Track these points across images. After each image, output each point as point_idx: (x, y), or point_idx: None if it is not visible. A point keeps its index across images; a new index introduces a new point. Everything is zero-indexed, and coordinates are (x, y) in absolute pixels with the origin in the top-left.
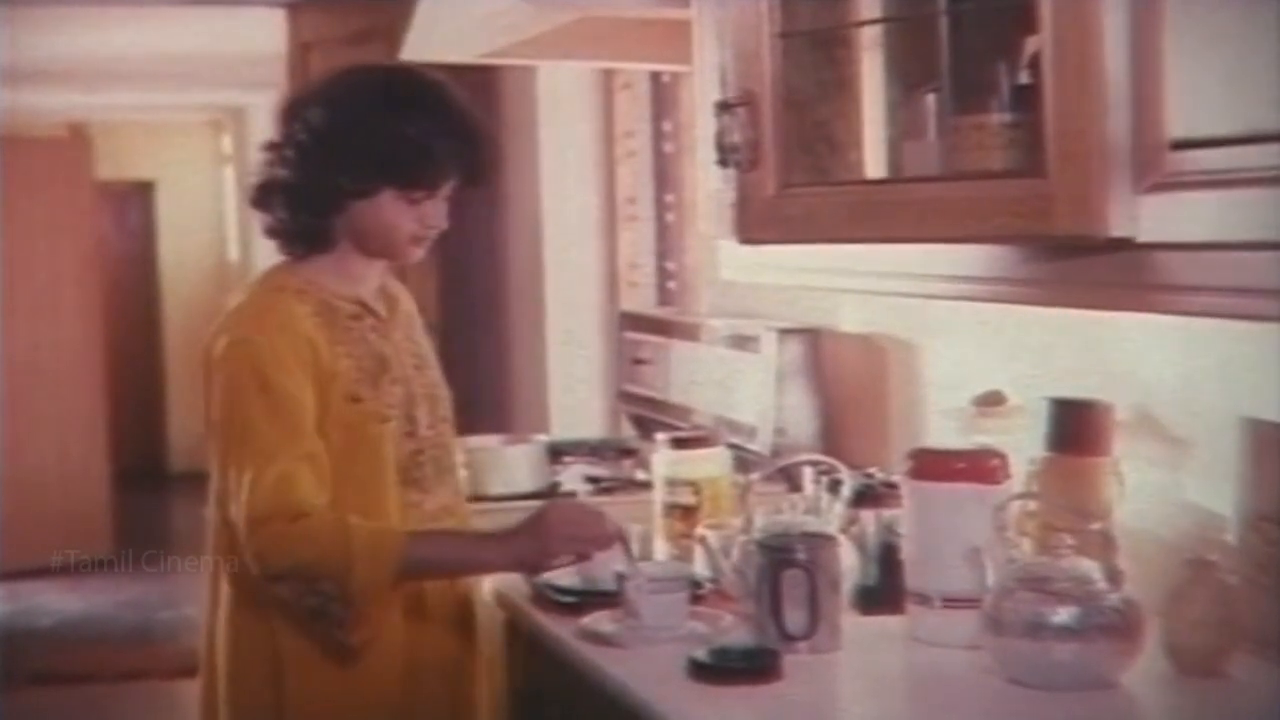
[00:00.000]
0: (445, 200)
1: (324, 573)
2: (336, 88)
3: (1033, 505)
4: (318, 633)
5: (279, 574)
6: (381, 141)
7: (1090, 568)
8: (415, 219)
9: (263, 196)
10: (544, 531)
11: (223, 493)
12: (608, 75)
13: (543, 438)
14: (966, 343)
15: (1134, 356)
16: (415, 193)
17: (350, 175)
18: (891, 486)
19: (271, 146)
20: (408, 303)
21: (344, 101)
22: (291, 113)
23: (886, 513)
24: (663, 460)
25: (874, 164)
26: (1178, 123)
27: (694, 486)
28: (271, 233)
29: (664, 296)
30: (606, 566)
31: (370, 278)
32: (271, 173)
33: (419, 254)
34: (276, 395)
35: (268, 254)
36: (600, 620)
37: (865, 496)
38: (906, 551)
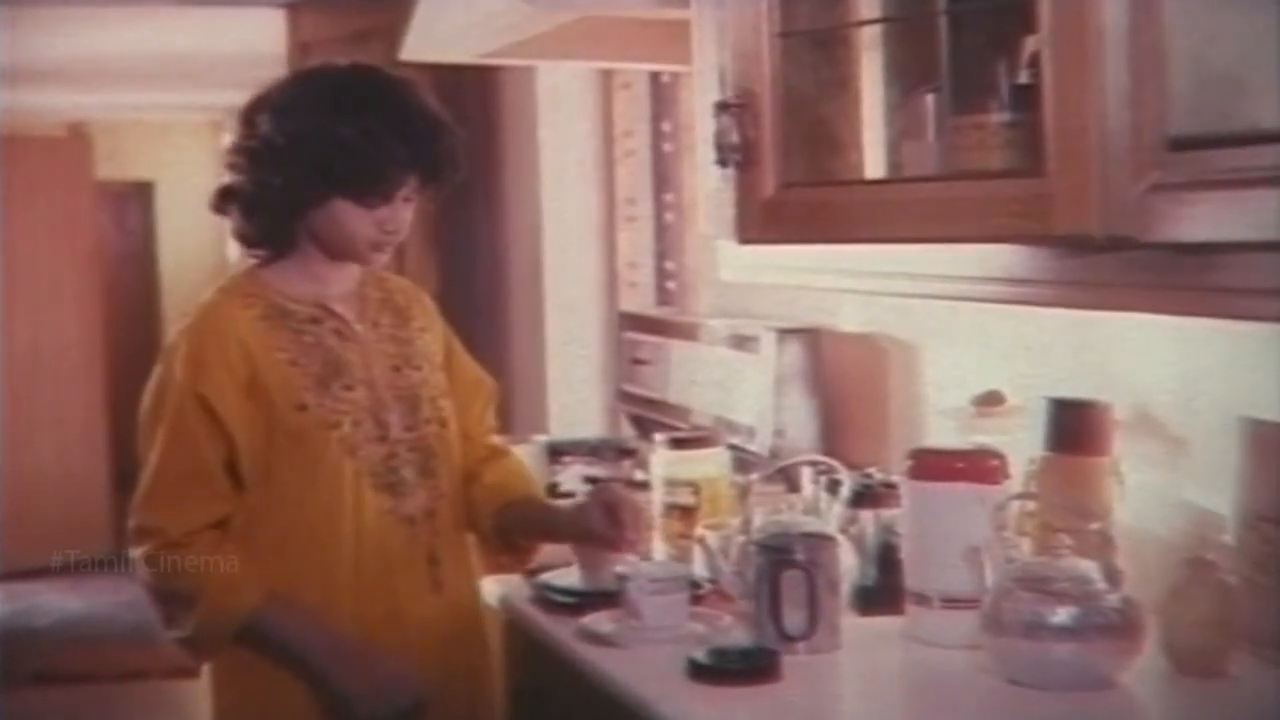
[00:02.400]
0: (406, 202)
1: (168, 609)
2: (285, 93)
3: (1032, 505)
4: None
5: (143, 585)
6: (326, 150)
7: (1089, 568)
8: (372, 225)
9: (221, 202)
10: (351, 670)
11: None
12: (607, 75)
13: (542, 437)
14: (966, 343)
15: (1133, 356)
16: (368, 200)
17: (299, 184)
18: (890, 487)
19: (229, 150)
20: (402, 300)
21: (291, 108)
22: (246, 117)
23: (885, 513)
24: (662, 460)
25: (873, 164)
26: (1177, 122)
27: (693, 487)
28: (236, 236)
29: (663, 296)
30: (607, 567)
31: (337, 280)
32: (230, 177)
33: (382, 258)
34: (184, 405)
35: None
36: (600, 620)
37: (864, 497)
38: (905, 552)
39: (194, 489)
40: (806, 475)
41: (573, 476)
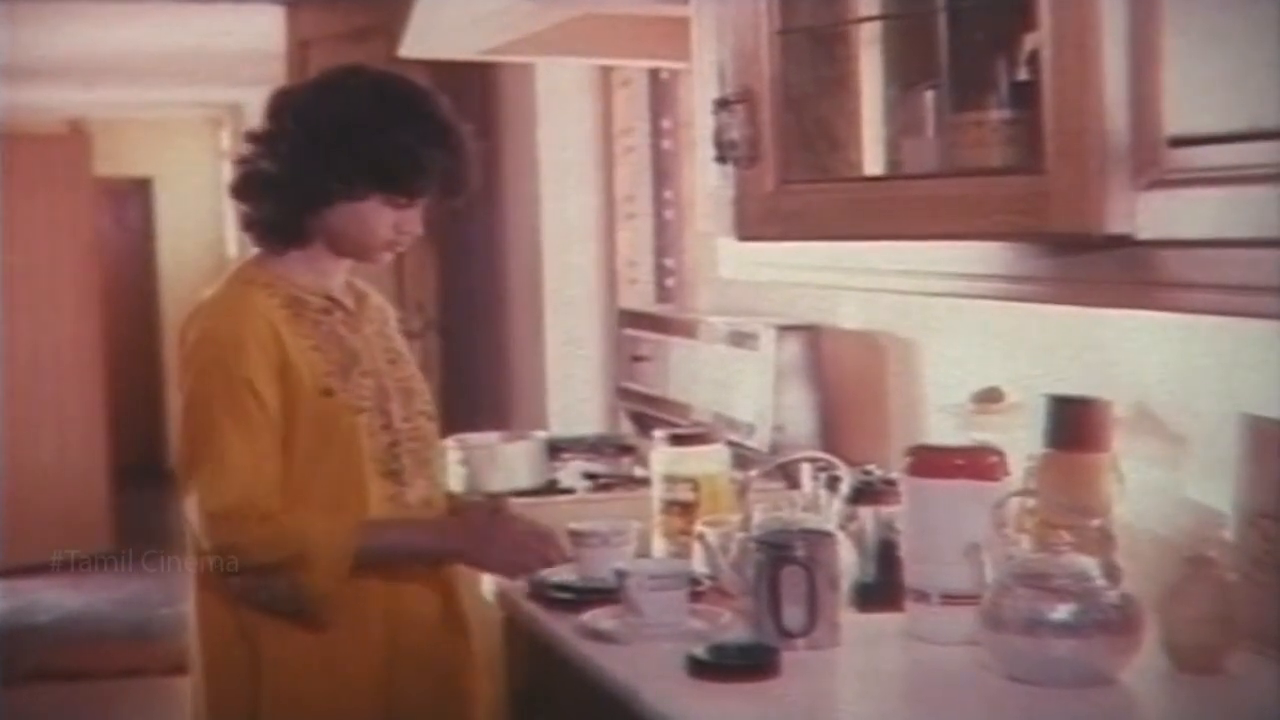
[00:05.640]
0: (422, 209)
1: (281, 575)
2: (334, 87)
3: (1031, 502)
4: (295, 629)
5: (234, 570)
6: (379, 147)
7: (1089, 564)
8: (393, 225)
9: (245, 187)
10: (487, 543)
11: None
12: (606, 72)
13: (541, 434)
14: (965, 340)
15: (1133, 354)
16: (400, 199)
17: (341, 176)
18: (890, 484)
19: (259, 138)
20: (377, 300)
21: (342, 102)
22: (284, 106)
23: (885, 510)
24: (661, 457)
25: (872, 161)
26: (1176, 119)
27: (693, 483)
28: (249, 225)
29: (663, 294)
30: (605, 563)
31: (338, 274)
32: (258, 164)
33: (388, 258)
34: (239, 391)
35: None
36: (599, 617)
37: (864, 493)
38: (905, 548)
39: (261, 466)
40: (806, 472)
41: (572, 473)
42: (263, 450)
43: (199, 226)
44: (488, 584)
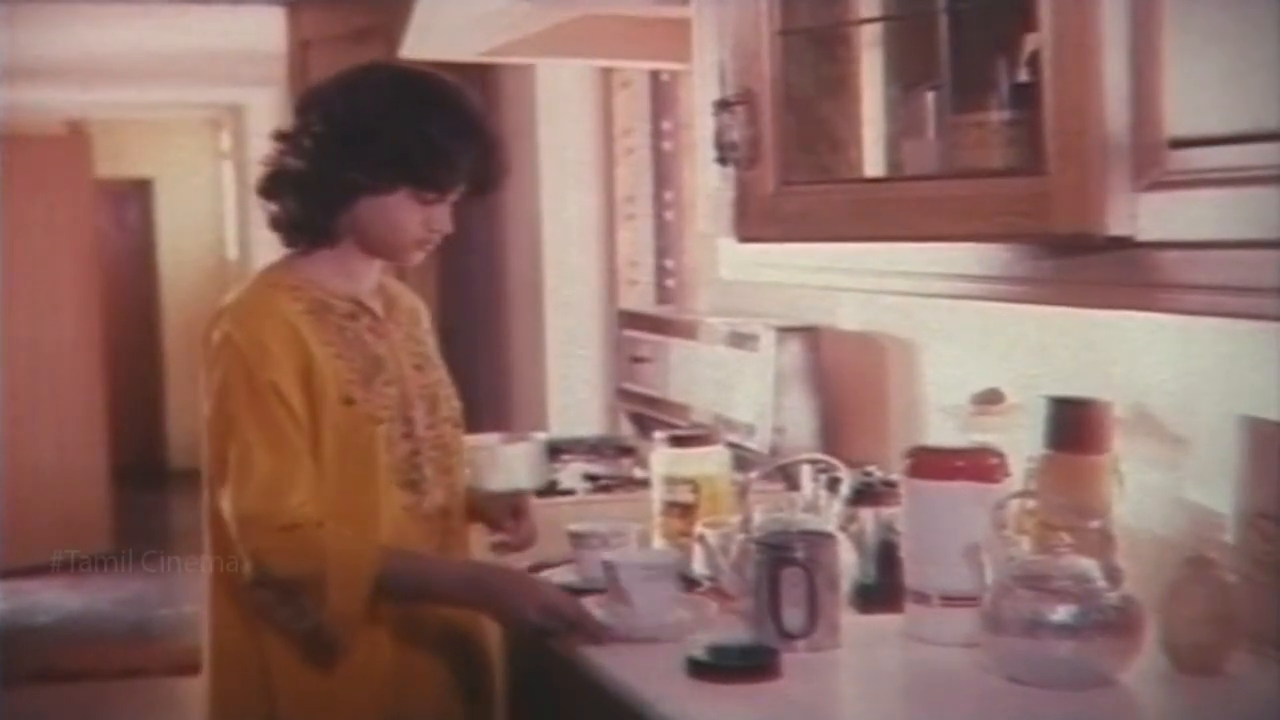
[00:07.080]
0: (452, 205)
1: (299, 590)
2: (358, 82)
3: (1031, 503)
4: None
5: (260, 581)
6: (403, 139)
7: (1089, 566)
8: (422, 221)
9: (272, 186)
10: (515, 605)
11: (213, 487)
12: (607, 74)
13: (541, 435)
14: (965, 341)
15: (1133, 355)
16: (428, 194)
17: (367, 170)
18: (890, 485)
19: (285, 136)
20: (410, 301)
21: (366, 96)
22: (310, 104)
23: (885, 511)
24: (661, 458)
25: (873, 162)
26: (1177, 121)
27: (693, 485)
28: (276, 224)
29: (663, 295)
30: (601, 563)
31: (368, 276)
32: (283, 162)
33: (419, 257)
34: (264, 394)
35: (267, 251)
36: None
37: (864, 495)
38: (905, 550)
39: (289, 472)
40: (806, 473)
41: (573, 474)
42: (290, 455)
43: (199, 227)
44: None
